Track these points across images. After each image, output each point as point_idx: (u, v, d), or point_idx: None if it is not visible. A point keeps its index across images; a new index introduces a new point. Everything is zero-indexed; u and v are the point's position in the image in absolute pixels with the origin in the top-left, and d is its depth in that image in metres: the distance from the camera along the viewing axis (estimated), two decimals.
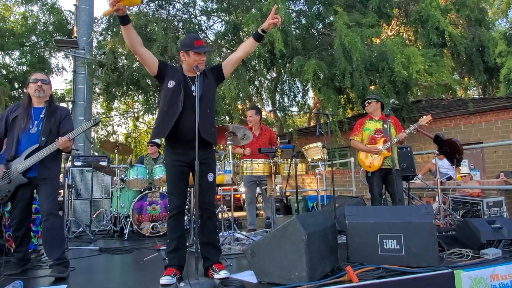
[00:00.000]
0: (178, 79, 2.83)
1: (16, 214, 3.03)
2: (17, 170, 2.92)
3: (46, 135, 3.00)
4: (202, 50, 2.82)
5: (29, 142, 2.98)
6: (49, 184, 3.01)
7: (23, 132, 2.98)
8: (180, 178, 2.81)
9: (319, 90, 8.54)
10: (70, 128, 3.10)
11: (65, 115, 3.15)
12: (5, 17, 13.45)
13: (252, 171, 4.08)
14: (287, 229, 2.51)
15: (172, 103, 2.76)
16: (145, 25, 9.17)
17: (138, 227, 4.87)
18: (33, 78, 3.08)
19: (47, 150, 2.94)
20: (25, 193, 3.02)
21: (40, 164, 2.97)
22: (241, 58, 2.98)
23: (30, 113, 3.05)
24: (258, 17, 7.65)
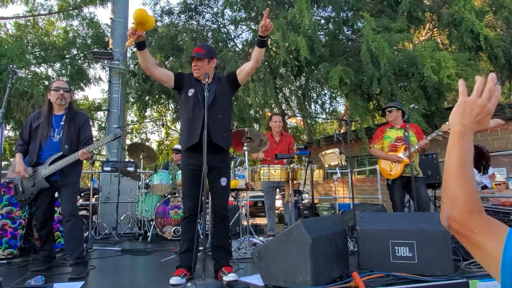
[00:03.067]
0: (195, 87, 2.94)
1: (39, 215, 3.24)
2: (41, 174, 3.11)
3: (68, 143, 3.17)
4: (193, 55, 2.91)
5: (52, 149, 3.16)
6: (70, 187, 3.18)
7: (45, 140, 3.16)
8: (194, 181, 2.87)
9: (346, 96, 8.43)
10: (89, 134, 3.28)
11: (83, 121, 3.30)
12: (49, 32, 14.42)
13: (269, 176, 4.09)
14: (292, 233, 2.51)
15: (196, 109, 2.85)
16: (175, 36, 9.48)
17: (161, 231, 5.00)
18: (55, 86, 3.23)
19: (69, 159, 3.11)
20: (46, 196, 3.21)
21: (62, 169, 3.13)
22: (253, 67, 2.99)
23: (51, 120, 3.22)
24: (283, 25, 7.70)
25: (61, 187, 3.16)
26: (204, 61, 2.91)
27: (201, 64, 2.91)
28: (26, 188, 3.15)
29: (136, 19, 2.52)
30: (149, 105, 11.33)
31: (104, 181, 5.89)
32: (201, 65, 2.91)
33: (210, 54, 2.97)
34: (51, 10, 14.49)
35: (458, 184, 0.78)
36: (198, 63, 2.91)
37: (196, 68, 2.92)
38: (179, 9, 10.48)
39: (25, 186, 3.15)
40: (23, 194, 3.18)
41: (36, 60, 12.31)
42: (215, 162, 2.80)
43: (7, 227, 3.67)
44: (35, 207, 3.27)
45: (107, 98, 11.18)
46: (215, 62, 3.02)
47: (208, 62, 2.94)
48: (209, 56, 2.95)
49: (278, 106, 11.43)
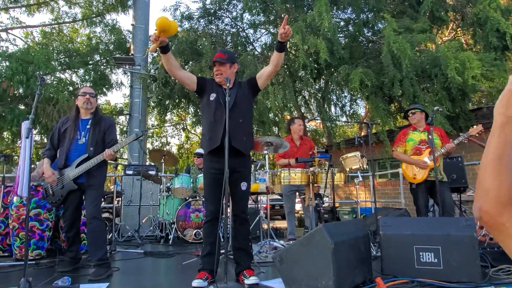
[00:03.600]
0: (217, 91, 2.97)
1: (67, 216, 3.35)
2: (69, 177, 3.22)
3: (93, 145, 3.28)
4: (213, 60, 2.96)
5: (78, 152, 3.28)
6: (94, 189, 3.27)
7: (72, 142, 3.29)
8: (215, 185, 2.89)
9: (367, 99, 8.32)
10: (114, 137, 3.38)
11: (109, 125, 3.41)
12: (73, 39, 14.86)
13: (289, 180, 4.08)
14: (314, 238, 2.49)
15: (217, 114, 2.88)
16: (195, 40, 9.60)
17: (182, 233, 5.05)
18: (82, 91, 3.38)
19: (95, 160, 3.22)
20: (74, 198, 3.33)
21: (88, 171, 3.24)
22: (273, 71, 2.98)
23: (78, 124, 3.35)
24: (303, 27, 7.68)
25: (86, 188, 3.26)
26: (226, 65, 2.95)
27: (223, 69, 2.94)
28: (56, 190, 3.27)
29: (158, 26, 2.57)
30: (169, 109, 11.50)
31: (127, 185, 6.00)
32: (223, 70, 2.94)
33: (231, 59, 3.00)
34: (75, 18, 14.95)
35: (493, 177, 0.77)
36: (220, 68, 2.95)
37: (218, 73, 2.95)
38: (198, 14, 10.61)
39: (55, 189, 3.27)
40: (53, 197, 3.30)
41: (61, 67, 12.70)
42: (236, 166, 2.82)
43: (35, 229, 3.79)
44: (64, 209, 3.38)
45: (129, 102, 11.41)
46: (236, 67, 3.05)
47: (230, 67, 2.97)
48: (231, 61, 2.99)
49: (297, 109, 11.40)
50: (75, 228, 3.41)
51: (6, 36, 14.47)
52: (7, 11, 14.21)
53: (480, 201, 0.78)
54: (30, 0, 14.35)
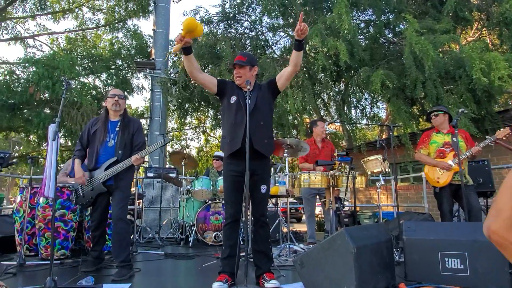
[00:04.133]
0: (237, 94, 2.97)
1: (96, 216, 3.43)
2: (99, 179, 3.30)
3: (122, 149, 3.34)
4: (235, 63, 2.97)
5: (107, 154, 3.34)
6: (122, 191, 3.32)
7: (101, 145, 3.35)
8: (235, 187, 2.90)
9: (388, 101, 8.19)
10: (142, 140, 3.43)
11: (137, 127, 3.47)
12: (96, 44, 15.25)
13: (309, 183, 4.04)
14: (335, 241, 2.46)
15: (238, 116, 2.89)
16: (215, 44, 9.67)
17: (202, 236, 5.08)
18: (111, 93, 3.45)
19: (123, 164, 3.28)
20: (103, 199, 3.41)
21: (116, 174, 3.31)
22: (292, 71, 2.96)
23: (107, 126, 3.42)
24: (322, 30, 7.63)
25: (114, 190, 3.32)
26: (246, 68, 2.95)
27: (243, 71, 2.95)
28: (86, 192, 3.36)
29: (186, 27, 2.57)
30: (189, 113, 11.61)
31: (148, 187, 6.09)
32: (243, 73, 2.95)
33: (251, 62, 3.01)
34: (98, 24, 15.35)
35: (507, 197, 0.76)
36: (240, 71, 2.96)
37: (238, 75, 2.96)
38: (218, 18, 10.70)
39: (85, 190, 3.36)
40: (83, 198, 3.39)
41: (84, 71, 13.05)
42: (255, 169, 2.81)
43: (60, 229, 3.88)
44: (92, 209, 3.47)
45: (149, 106, 11.60)
46: (256, 69, 3.05)
47: (250, 70, 2.98)
48: (251, 64, 2.99)
49: (316, 112, 11.32)
50: (102, 228, 3.48)
51: (33, 43, 15.01)
52: (34, 18, 14.72)
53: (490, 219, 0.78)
54: (56, 7, 14.82)
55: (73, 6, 14.95)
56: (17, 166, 13.97)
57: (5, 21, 14.06)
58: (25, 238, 3.92)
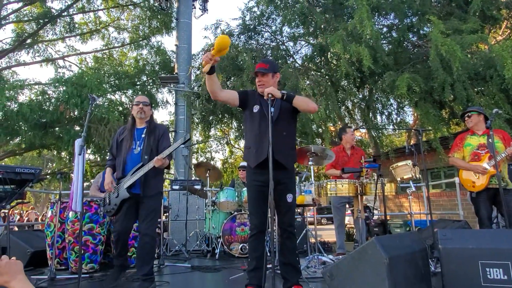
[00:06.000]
0: (260, 102, 2.93)
1: (117, 226, 3.34)
2: (124, 185, 3.25)
3: (148, 154, 3.29)
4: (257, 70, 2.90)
5: (134, 162, 3.30)
6: (150, 203, 3.26)
7: (128, 153, 3.33)
8: (260, 198, 2.83)
9: (416, 105, 7.95)
10: (168, 145, 3.34)
11: (162, 133, 3.42)
12: (122, 62, 15.73)
13: (336, 192, 3.93)
14: (366, 252, 2.34)
15: (262, 126, 2.83)
16: (236, 56, 9.75)
17: (228, 248, 5.03)
18: (136, 101, 3.45)
19: (146, 167, 3.20)
20: (128, 208, 3.30)
21: (143, 182, 3.24)
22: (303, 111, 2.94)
23: (133, 133, 3.40)
24: (344, 36, 7.55)
25: (142, 201, 3.24)
26: (268, 75, 2.89)
27: (265, 79, 2.89)
28: (112, 199, 3.32)
29: (219, 45, 2.49)
30: (213, 125, 11.70)
31: (173, 199, 6.12)
32: (265, 80, 2.89)
33: (273, 69, 2.94)
34: (124, 42, 15.85)
35: None
36: (263, 79, 2.90)
37: (260, 83, 2.91)
38: (238, 30, 10.81)
39: (111, 197, 3.33)
40: (109, 206, 3.34)
41: (111, 88, 13.43)
42: (280, 178, 2.74)
43: (89, 243, 3.93)
44: (116, 218, 3.39)
45: (174, 119, 11.78)
46: (278, 76, 2.99)
47: (272, 77, 2.91)
48: (273, 71, 2.92)
49: (341, 119, 11.15)
50: (123, 239, 3.35)
51: (63, 63, 15.66)
52: (63, 40, 15.38)
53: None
54: (84, 28, 15.44)
55: (99, 27, 15.53)
56: (50, 182, 14.45)
57: (37, 44, 14.75)
58: (56, 252, 3.99)
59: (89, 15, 15.30)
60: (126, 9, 15.27)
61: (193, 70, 11.35)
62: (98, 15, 15.49)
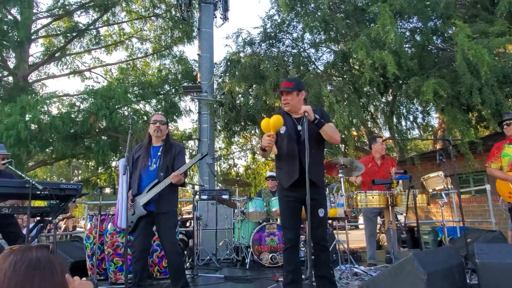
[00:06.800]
0: (286, 123, 3.00)
1: (136, 245, 3.34)
2: (140, 202, 3.32)
3: (164, 171, 3.34)
4: (280, 90, 3.00)
5: (149, 179, 3.35)
6: (168, 219, 3.31)
7: (144, 170, 3.39)
8: (292, 212, 2.92)
9: (442, 110, 7.84)
10: (183, 162, 3.41)
11: (179, 151, 3.49)
12: (145, 72, 16.13)
13: (366, 203, 3.95)
14: (404, 267, 2.38)
15: (289, 147, 2.93)
16: (258, 64, 9.85)
17: (258, 257, 5.10)
18: (153, 120, 3.50)
19: (163, 184, 3.26)
20: (145, 225, 3.35)
21: (157, 199, 3.29)
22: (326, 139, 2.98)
23: (149, 151, 3.45)
24: (367, 43, 7.53)
25: (158, 218, 3.30)
26: (292, 94, 2.95)
27: (290, 97, 2.96)
28: (128, 216, 3.32)
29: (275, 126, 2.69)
30: (236, 133, 11.84)
31: (202, 209, 6.24)
32: (290, 99, 2.96)
33: (298, 87, 2.99)
34: (147, 53, 16.26)
35: None
36: (287, 97, 2.97)
37: (285, 101, 2.98)
38: (259, 38, 10.92)
39: (128, 215, 3.34)
40: None
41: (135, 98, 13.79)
42: (311, 194, 2.79)
43: (128, 255, 4.07)
44: (134, 237, 3.40)
45: (197, 128, 11.99)
46: (303, 94, 3.03)
47: (297, 95, 2.97)
48: (298, 89, 2.98)
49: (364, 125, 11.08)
50: (142, 259, 3.35)
51: (89, 74, 16.19)
52: (89, 52, 15.91)
53: None
54: (108, 40, 15.94)
55: (123, 38, 15.99)
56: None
57: (65, 57, 15.31)
58: (96, 263, 4.16)
59: (113, 27, 15.80)
60: (148, 20, 15.66)
61: (215, 78, 11.54)
62: (122, 27, 15.97)
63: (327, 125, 2.88)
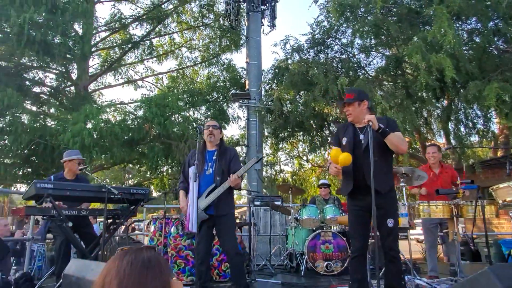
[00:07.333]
0: (347, 133, 3.04)
1: (200, 249, 3.45)
2: (200, 207, 3.43)
3: (220, 175, 3.48)
4: (344, 101, 3.03)
5: (206, 183, 3.48)
6: (227, 222, 3.44)
7: (201, 174, 3.50)
8: (360, 221, 2.93)
9: (507, 116, 7.40)
10: (239, 167, 3.54)
11: (233, 155, 3.63)
12: (194, 80, 16.67)
13: (430, 213, 3.84)
14: (478, 282, 2.28)
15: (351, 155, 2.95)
16: (306, 71, 9.84)
17: (313, 265, 5.09)
18: (206, 125, 3.65)
19: (221, 188, 3.40)
20: (206, 229, 3.48)
21: (217, 202, 3.42)
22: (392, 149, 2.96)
23: (205, 156, 3.58)
24: (422, 47, 7.30)
25: (218, 221, 3.43)
26: (354, 105, 2.97)
27: (352, 108, 2.98)
28: None
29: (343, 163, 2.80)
30: (284, 139, 11.90)
31: (255, 215, 6.33)
32: (352, 110, 2.98)
33: (359, 97, 3.00)
34: (195, 61, 16.81)
35: None
36: (349, 108, 2.99)
37: (347, 112, 3.01)
38: (307, 45, 10.93)
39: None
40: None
41: (186, 106, 14.29)
42: (379, 203, 2.78)
43: (189, 257, 4.27)
44: (196, 241, 3.51)
45: (246, 134, 12.19)
46: (366, 103, 3.02)
47: (359, 105, 2.98)
48: (359, 99, 2.99)
49: (417, 131, 10.69)
50: (207, 262, 3.49)
51: (141, 83, 17.01)
52: (142, 62, 16.73)
53: None
54: (160, 50, 16.67)
55: (174, 48, 16.65)
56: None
57: (120, 67, 16.23)
58: None
59: (164, 38, 16.50)
60: (197, 29, 16.20)
61: (263, 85, 11.69)
62: (172, 37, 16.64)
63: (392, 134, 2.85)
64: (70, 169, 4.13)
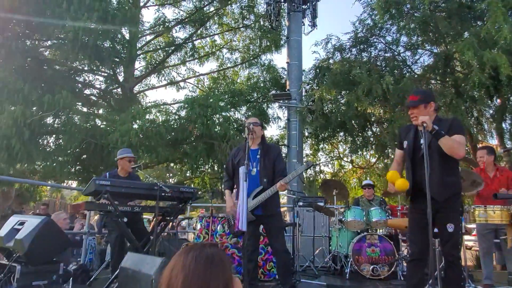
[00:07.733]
0: (408, 137, 2.97)
1: (248, 246, 3.49)
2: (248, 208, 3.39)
3: (266, 176, 3.50)
4: (408, 104, 2.92)
5: (252, 183, 3.44)
6: (275, 221, 3.47)
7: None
8: (418, 226, 2.85)
9: None
10: (283, 166, 3.55)
11: (277, 154, 3.64)
12: (234, 80, 16.87)
13: (486, 218, 3.65)
14: None
15: (408, 161, 2.94)
16: (349, 70, 9.68)
17: (359, 268, 4.99)
18: (247, 122, 3.67)
19: (269, 192, 3.41)
20: (253, 229, 3.51)
21: (264, 202, 3.43)
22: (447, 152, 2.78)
23: (248, 155, 3.46)
24: (475, 43, 6.95)
25: (266, 220, 3.47)
26: (419, 107, 2.80)
27: (417, 111, 2.80)
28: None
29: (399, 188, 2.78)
30: (324, 139, 11.76)
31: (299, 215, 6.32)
32: (417, 113, 2.79)
33: (425, 100, 2.84)
34: (236, 62, 16.99)
35: None
36: (414, 111, 2.83)
37: (412, 115, 2.84)
38: (349, 44, 10.75)
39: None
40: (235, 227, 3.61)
41: (227, 106, 14.49)
42: (440, 207, 2.69)
43: (235, 255, 4.34)
44: (244, 240, 3.51)
45: (286, 134, 12.15)
46: (432, 105, 2.85)
47: (425, 107, 2.81)
48: (425, 102, 2.83)
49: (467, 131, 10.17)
50: (255, 260, 3.53)
51: (183, 84, 17.46)
52: (184, 64, 17.18)
53: None
54: (201, 52, 17.04)
55: (215, 49, 16.94)
56: None
57: (163, 69, 16.76)
58: None
59: (206, 39, 16.84)
60: (238, 31, 16.38)
61: (304, 85, 11.62)
62: (214, 39, 16.94)
63: (446, 138, 2.67)
64: (123, 167, 4.33)
